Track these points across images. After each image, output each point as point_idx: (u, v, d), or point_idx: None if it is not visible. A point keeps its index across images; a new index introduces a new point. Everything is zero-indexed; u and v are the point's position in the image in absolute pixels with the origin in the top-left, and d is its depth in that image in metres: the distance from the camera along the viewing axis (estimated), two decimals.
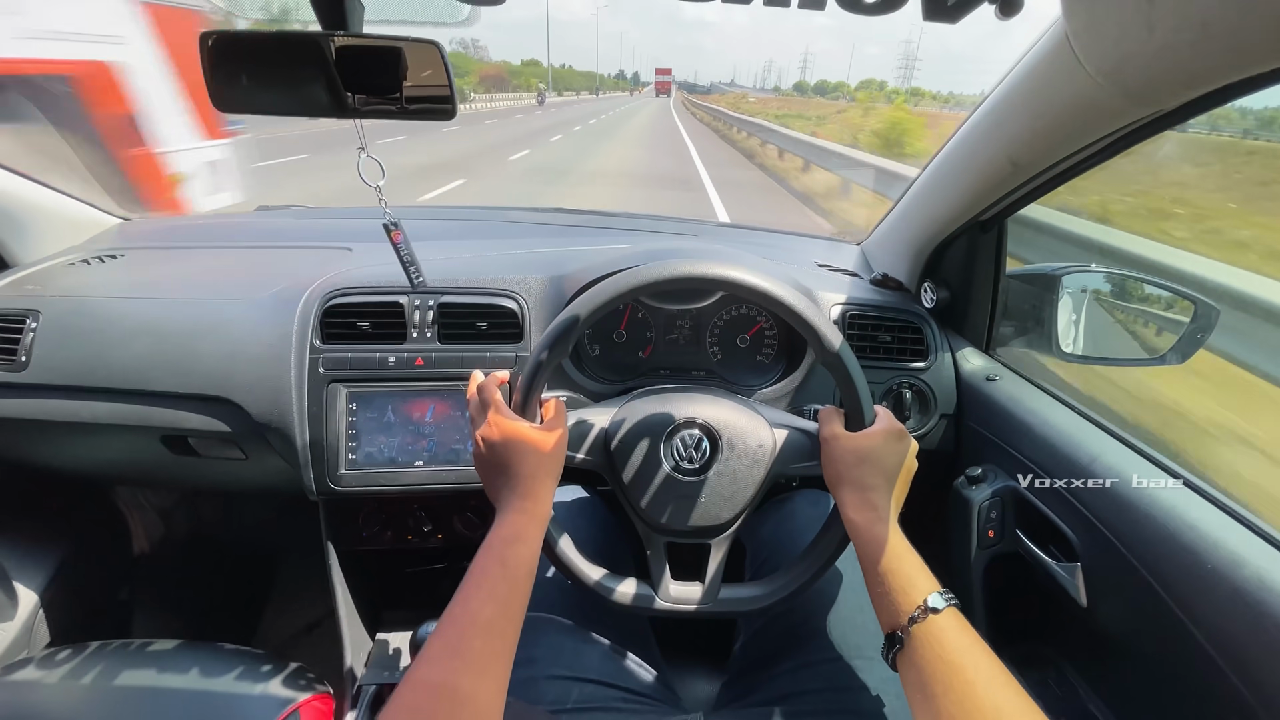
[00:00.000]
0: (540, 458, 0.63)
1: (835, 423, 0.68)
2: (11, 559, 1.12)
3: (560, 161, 12.46)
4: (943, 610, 0.53)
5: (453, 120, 0.70)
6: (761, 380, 1.05)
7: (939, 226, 1.00)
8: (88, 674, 0.81)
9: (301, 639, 1.46)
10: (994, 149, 0.80)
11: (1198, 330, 0.92)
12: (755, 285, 0.66)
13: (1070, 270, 1.01)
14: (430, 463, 0.99)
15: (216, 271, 1.19)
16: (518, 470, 0.62)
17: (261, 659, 0.86)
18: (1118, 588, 0.73)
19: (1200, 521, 0.65)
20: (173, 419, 0.99)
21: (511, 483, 0.62)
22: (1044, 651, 0.92)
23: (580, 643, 0.75)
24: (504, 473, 0.62)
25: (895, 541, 0.58)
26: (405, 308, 0.99)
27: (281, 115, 0.72)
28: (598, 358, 1.09)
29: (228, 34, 0.65)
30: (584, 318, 0.67)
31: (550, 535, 0.69)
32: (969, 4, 0.57)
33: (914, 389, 1.04)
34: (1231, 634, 0.59)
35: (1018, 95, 0.71)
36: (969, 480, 0.94)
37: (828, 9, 0.63)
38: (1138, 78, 0.54)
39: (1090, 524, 0.76)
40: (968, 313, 1.08)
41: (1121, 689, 0.79)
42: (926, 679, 0.50)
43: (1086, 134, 0.66)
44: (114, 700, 0.79)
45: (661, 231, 1.46)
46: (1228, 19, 0.43)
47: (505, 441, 0.63)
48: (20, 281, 1.10)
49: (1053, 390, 0.96)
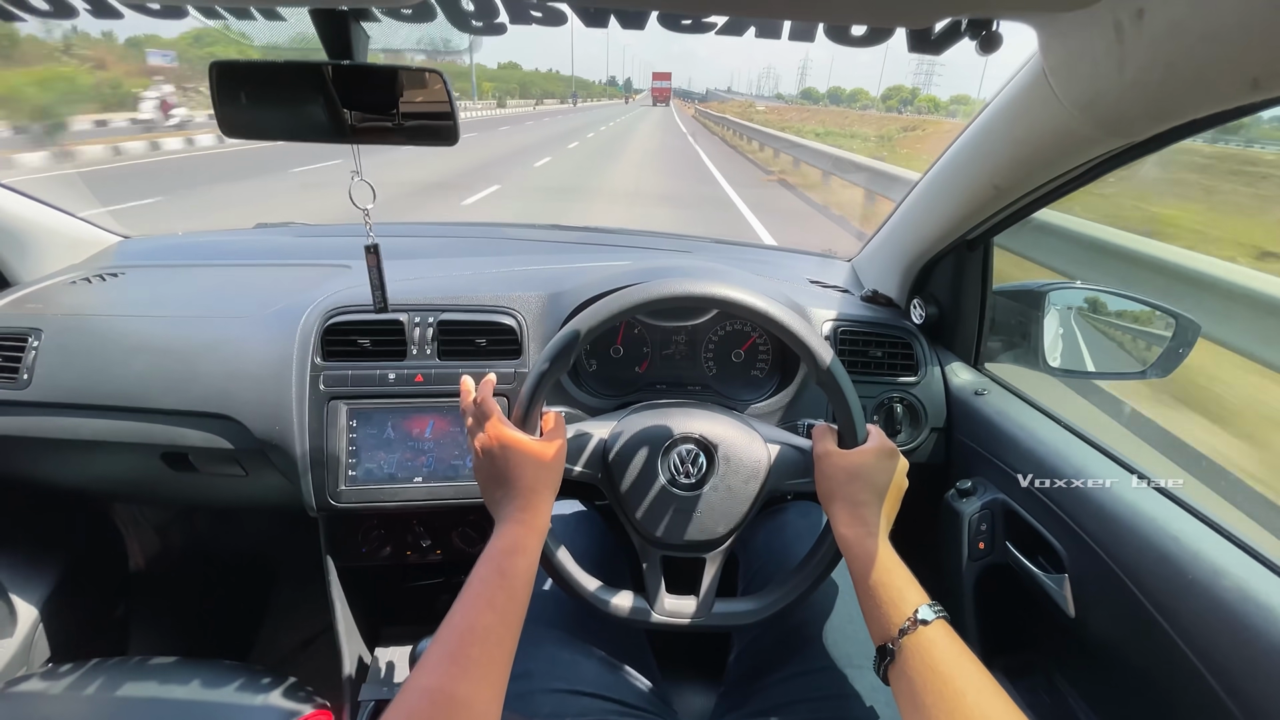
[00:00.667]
0: (540, 470, 0.64)
1: (828, 440, 0.70)
2: (11, 575, 1.12)
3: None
4: (932, 622, 0.54)
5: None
6: (756, 395, 1.07)
7: (927, 245, 1.03)
8: (87, 690, 0.81)
9: (300, 654, 1.46)
10: (978, 173, 0.82)
11: (1179, 345, 0.95)
12: (752, 305, 0.68)
13: (1055, 287, 1.04)
14: (429, 479, 1.00)
15: (216, 289, 1.20)
16: (517, 482, 0.63)
17: (260, 675, 0.86)
18: (1104, 598, 0.75)
19: (1182, 534, 0.67)
20: (173, 436, 1.00)
21: (511, 494, 0.63)
22: (1034, 661, 0.93)
23: (576, 656, 0.76)
24: (503, 484, 0.63)
25: (885, 556, 0.60)
26: (405, 325, 1.00)
27: (284, 140, 0.74)
28: (595, 373, 1.11)
29: (232, 62, 0.67)
30: (584, 333, 0.68)
31: (547, 548, 0.70)
32: (950, 39, 0.60)
33: (904, 403, 1.06)
34: (1213, 643, 0.60)
35: (999, 123, 0.74)
36: (959, 493, 0.96)
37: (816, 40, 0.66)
38: (1110, 111, 0.56)
39: (1077, 536, 0.78)
40: (956, 328, 1.10)
41: (1109, 697, 0.80)
42: (917, 690, 0.51)
43: (1064, 161, 0.69)
44: (112, 717, 0.79)
45: (657, 248, 1.48)
46: (1192, 58, 0.46)
47: (505, 453, 0.63)
48: (22, 300, 1.11)
49: (1040, 404, 0.98)
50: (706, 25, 0.65)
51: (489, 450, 0.64)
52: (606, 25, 0.68)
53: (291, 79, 0.67)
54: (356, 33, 0.65)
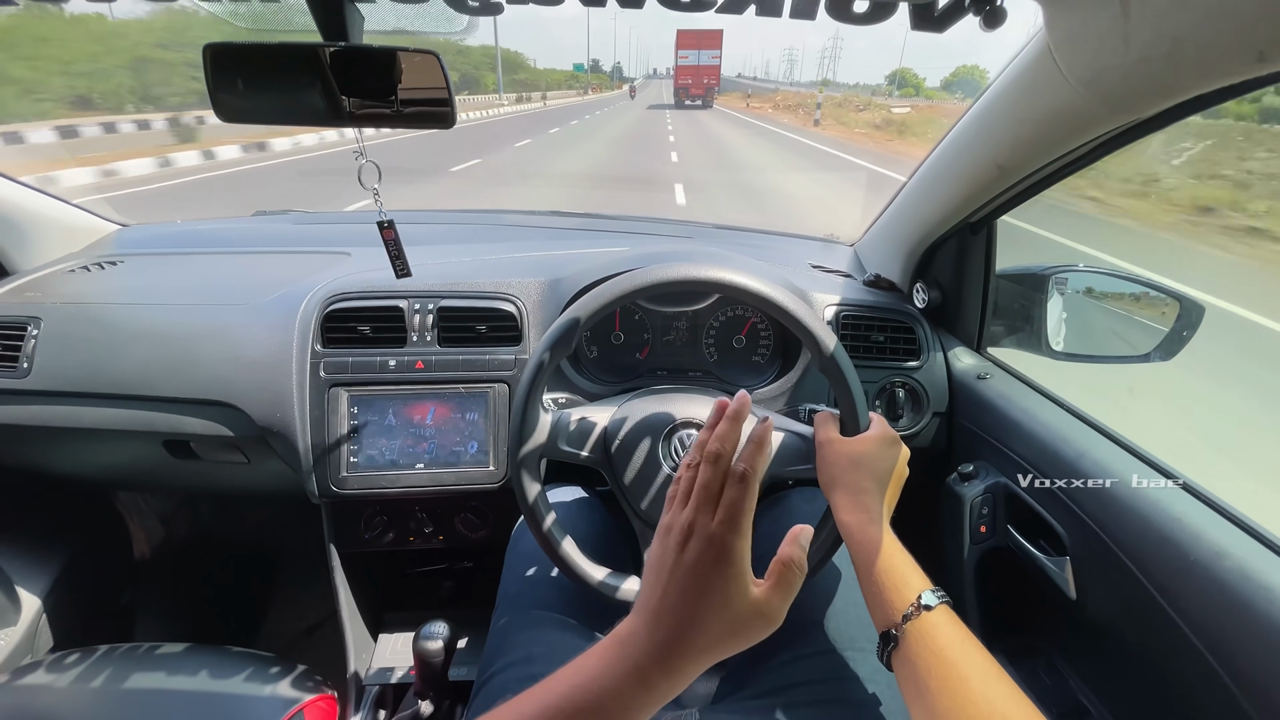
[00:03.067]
0: (745, 627, 0.46)
1: (830, 427, 0.70)
2: (15, 564, 1.13)
3: None
4: (935, 607, 0.54)
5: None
6: (757, 380, 1.07)
7: (930, 228, 1.02)
8: (92, 678, 0.82)
9: (304, 640, 1.47)
10: (981, 153, 0.81)
11: (1183, 328, 0.94)
12: (754, 289, 0.67)
13: (1059, 270, 1.03)
14: (431, 465, 1.00)
15: (216, 277, 1.20)
16: (709, 626, 0.45)
17: (264, 661, 0.87)
18: (1105, 580, 0.75)
19: (1184, 515, 0.67)
20: (174, 424, 1.00)
21: (687, 634, 0.44)
22: (1035, 643, 0.94)
23: (579, 640, 0.77)
24: (690, 610, 0.45)
25: (887, 543, 0.60)
26: (405, 312, 1.00)
27: (280, 124, 0.73)
28: (596, 359, 1.11)
29: (226, 45, 0.66)
30: (584, 319, 0.68)
31: (553, 536, 0.71)
32: (954, 15, 0.59)
33: (907, 388, 1.06)
34: (1214, 624, 0.60)
35: (1003, 102, 0.73)
36: (961, 477, 0.96)
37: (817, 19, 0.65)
38: (1116, 88, 0.56)
39: (1079, 519, 0.78)
40: (959, 312, 1.10)
41: (1110, 678, 0.81)
42: (921, 675, 0.51)
43: (1068, 140, 0.68)
44: (118, 703, 0.80)
45: (657, 234, 1.47)
46: (1197, 35, 0.45)
47: (726, 576, 0.46)
48: (21, 289, 1.11)
49: (1042, 388, 0.97)
50: (706, 3, 0.64)
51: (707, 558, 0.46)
52: (604, 4, 0.67)
53: (287, 61, 0.66)
54: (351, 13, 0.65)
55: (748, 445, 0.49)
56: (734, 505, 0.47)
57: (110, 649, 0.87)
